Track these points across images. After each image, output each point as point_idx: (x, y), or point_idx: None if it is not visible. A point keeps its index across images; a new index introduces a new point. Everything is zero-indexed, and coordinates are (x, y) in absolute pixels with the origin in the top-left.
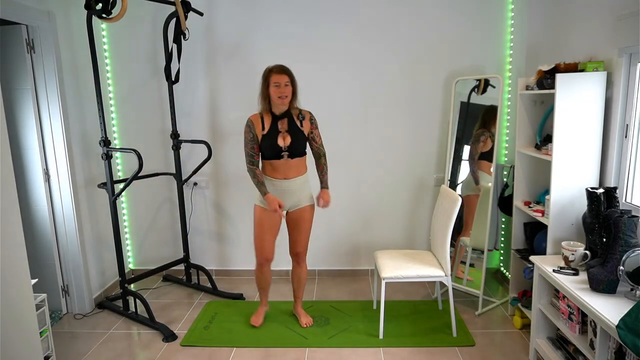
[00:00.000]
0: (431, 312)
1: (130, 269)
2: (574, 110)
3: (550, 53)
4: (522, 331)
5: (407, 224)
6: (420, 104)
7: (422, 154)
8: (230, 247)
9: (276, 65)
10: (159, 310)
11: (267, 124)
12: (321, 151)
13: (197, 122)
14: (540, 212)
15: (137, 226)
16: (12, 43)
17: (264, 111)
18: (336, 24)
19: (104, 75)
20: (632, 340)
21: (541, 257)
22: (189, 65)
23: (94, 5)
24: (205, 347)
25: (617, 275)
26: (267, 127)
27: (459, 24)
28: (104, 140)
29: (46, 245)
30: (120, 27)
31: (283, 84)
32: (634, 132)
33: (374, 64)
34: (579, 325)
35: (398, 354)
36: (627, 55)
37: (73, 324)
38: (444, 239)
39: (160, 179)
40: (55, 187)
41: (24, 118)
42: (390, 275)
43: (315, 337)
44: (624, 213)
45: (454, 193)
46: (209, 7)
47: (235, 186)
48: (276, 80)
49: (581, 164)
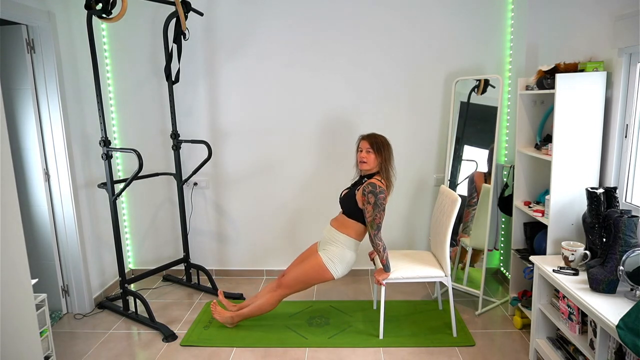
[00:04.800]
0: (431, 312)
1: (130, 269)
2: (574, 110)
3: (550, 53)
4: (522, 331)
5: (407, 224)
6: (420, 104)
7: (422, 154)
8: (230, 247)
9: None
10: (159, 310)
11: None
12: (372, 226)
13: (197, 122)
14: (540, 212)
15: (137, 226)
16: (12, 43)
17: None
18: (336, 25)
19: (104, 75)
20: (632, 340)
21: (541, 257)
22: (189, 65)
23: (94, 5)
24: (205, 347)
25: (617, 275)
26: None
27: (459, 24)
28: (104, 140)
29: (46, 245)
30: (120, 27)
31: (365, 149)
32: (634, 132)
33: (374, 64)
34: (579, 325)
35: (398, 354)
36: (627, 55)
37: (73, 324)
38: (444, 239)
39: (160, 179)
40: (55, 187)
41: (24, 118)
42: (390, 276)
43: (315, 337)
44: (624, 213)
45: (453, 193)
46: (209, 7)
47: (235, 186)
48: (359, 146)
49: (581, 164)
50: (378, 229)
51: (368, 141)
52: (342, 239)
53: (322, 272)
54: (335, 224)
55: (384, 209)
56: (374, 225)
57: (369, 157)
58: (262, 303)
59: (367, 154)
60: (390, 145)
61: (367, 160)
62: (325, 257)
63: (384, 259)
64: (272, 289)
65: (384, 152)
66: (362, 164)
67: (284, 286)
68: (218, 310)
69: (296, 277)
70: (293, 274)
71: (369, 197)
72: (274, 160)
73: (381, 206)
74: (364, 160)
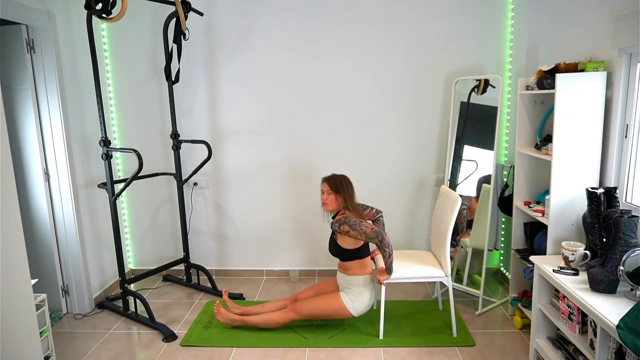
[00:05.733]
0: (431, 312)
1: (130, 269)
2: (574, 110)
3: (550, 53)
4: (522, 331)
5: (407, 224)
6: (420, 104)
7: (422, 154)
8: (230, 247)
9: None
10: (159, 310)
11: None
12: (370, 237)
13: (197, 122)
14: (540, 212)
15: (137, 226)
16: (12, 43)
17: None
18: (336, 25)
19: (104, 75)
20: (632, 340)
21: (541, 257)
22: (189, 65)
23: (94, 5)
24: (205, 347)
25: (617, 275)
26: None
27: (459, 23)
28: (104, 140)
29: (46, 245)
30: (120, 27)
31: (326, 191)
32: (634, 132)
33: (374, 64)
34: (579, 325)
35: (398, 354)
36: (627, 55)
37: (73, 324)
38: (444, 239)
39: (160, 179)
40: (55, 187)
41: (24, 118)
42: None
43: (315, 337)
44: (624, 213)
45: (454, 193)
46: (209, 7)
47: (235, 186)
48: (321, 188)
49: (581, 164)
50: (377, 236)
51: (327, 183)
52: (353, 280)
53: (342, 311)
54: (341, 269)
55: (361, 222)
56: (370, 236)
57: (329, 198)
58: (270, 319)
59: (327, 196)
60: (350, 183)
61: (328, 201)
62: (345, 297)
63: (389, 263)
64: (283, 306)
65: (343, 192)
66: (324, 205)
67: (298, 313)
68: (221, 312)
69: (312, 309)
70: (310, 306)
71: (343, 229)
72: (274, 160)
73: (356, 223)
74: (326, 202)
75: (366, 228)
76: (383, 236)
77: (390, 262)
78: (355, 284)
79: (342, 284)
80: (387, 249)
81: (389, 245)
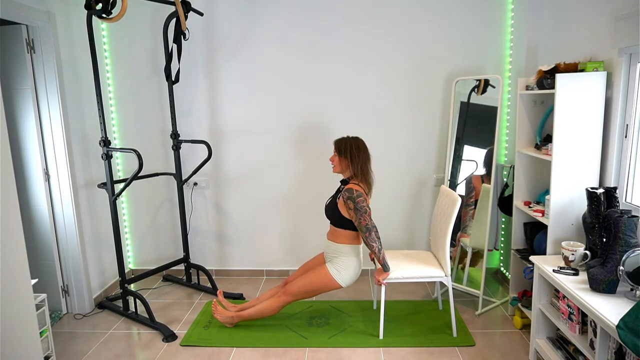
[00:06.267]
0: (431, 312)
1: (130, 269)
2: (574, 110)
3: (550, 53)
4: (522, 331)
5: (407, 224)
6: (420, 104)
7: (422, 154)
8: (230, 247)
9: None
10: (159, 310)
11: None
12: (361, 229)
13: (197, 122)
14: (540, 212)
15: (137, 226)
16: (12, 43)
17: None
18: (336, 24)
19: (104, 75)
20: (632, 340)
21: (541, 257)
22: (189, 65)
23: (94, 5)
24: (205, 347)
25: (617, 275)
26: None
27: (459, 23)
28: (104, 140)
29: (46, 245)
30: (120, 27)
31: (334, 153)
32: (634, 132)
33: (375, 65)
34: (579, 325)
35: (398, 354)
36: (627, 55)
37: (73, 324)
38: (444, 239)
39: (160, 179)
40: (55, 187)
41: (24, 118)
42: (390, 276)
43: (315, 337)
44: (624, 213)
45: (453, 193)
46: (209, 7)
47: (235, 186)
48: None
49: (581, 164)
50: (368, 231)
51: (335, 145)
52: (342, 248)
53: (329, 282)
54: (330, 236)
55: (366, 210)
56: (362, 228)
57: (335, 159)
58: (265, 307)
59: (334, 157)
60: (360, 147)
61: (334, 163)
62: (331, 268)
63: (381, 259)
64: (275, 293)
65: (350, 155)
66: (333, 167)
67: (289, 294)
68: (219, 310)
69: (302, 287)
70: (299, 283)
71: (349, 204)
72: (274, 160)
73: (362, 209)
74: (332, 163)
75: (364, 220)
76: (370, 233)
77: (383, 257)
78: (342, 252)
79: (329, 252)
80: (375, 244)
81: (375, 240)
